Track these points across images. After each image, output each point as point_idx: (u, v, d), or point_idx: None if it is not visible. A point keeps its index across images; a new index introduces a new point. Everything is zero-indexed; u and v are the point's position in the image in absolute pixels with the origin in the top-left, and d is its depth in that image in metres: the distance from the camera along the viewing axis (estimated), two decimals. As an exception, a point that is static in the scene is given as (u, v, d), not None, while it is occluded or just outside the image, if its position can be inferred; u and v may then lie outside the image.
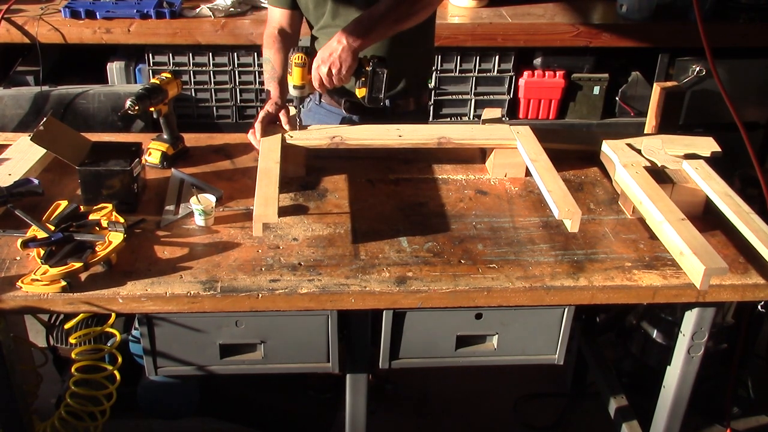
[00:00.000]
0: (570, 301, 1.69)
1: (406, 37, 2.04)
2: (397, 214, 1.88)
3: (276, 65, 2.12)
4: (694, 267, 1.64)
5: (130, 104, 1.87)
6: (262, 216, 1.66)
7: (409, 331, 1.73)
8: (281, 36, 2.18)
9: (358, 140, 2.01)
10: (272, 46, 2.16)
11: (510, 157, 2.03)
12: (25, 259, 1.66)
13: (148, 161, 2.01)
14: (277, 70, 2.12)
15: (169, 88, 1.96)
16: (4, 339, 1.68)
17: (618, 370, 2.56)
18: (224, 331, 1.68)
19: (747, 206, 1.81)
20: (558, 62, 3.41)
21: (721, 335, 2.38)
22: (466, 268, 1.69)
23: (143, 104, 1.89)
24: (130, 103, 1.87)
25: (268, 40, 2.18)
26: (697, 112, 3.46)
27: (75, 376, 1.81)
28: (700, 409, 2.50)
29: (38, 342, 2.17)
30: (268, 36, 2.20)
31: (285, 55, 2.09)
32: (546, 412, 2.75)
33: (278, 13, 2.21)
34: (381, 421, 2.54)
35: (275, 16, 2.22)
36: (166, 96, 1.96)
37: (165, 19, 3.10)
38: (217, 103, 3.36)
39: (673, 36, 3.33)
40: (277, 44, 2.16)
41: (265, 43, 2.19)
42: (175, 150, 2.03)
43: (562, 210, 1.72)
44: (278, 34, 2.18)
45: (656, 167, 1.96)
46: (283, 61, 2.12)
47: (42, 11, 3.09)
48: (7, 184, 1.80)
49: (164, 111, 1.99)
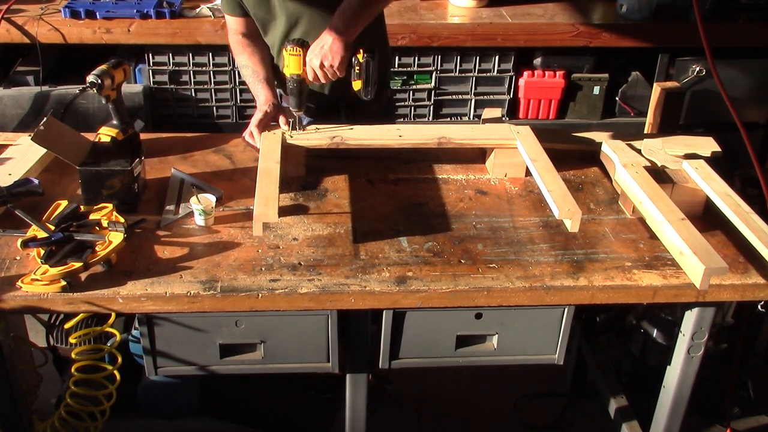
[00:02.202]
0: (570, 301, 1.69)
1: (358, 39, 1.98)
2: (397, 214, 1.88)
3: (257, 67, 2.13)
4: (694, 267, 1.64)
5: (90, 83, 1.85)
6: (262, 216, 1.66)
7: (408, 331, 1.73)
8: (248, 39, 2.18)
9: (358, 140, 2.02)
10: (243, 51, 2.17)
11: (510, 157, 2.03)
12: (25, 259, 1.66)
13: None
14: (260, 71, 2.13)
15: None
16: (4, 339, 1.68)
17: (618, 370, 2.55)
18: (224, 331, 1.68)
19: (747, 206, 1.81)
20: (558, 62, 3.41)
21: (721, 335, 2.38)
22: (466, 268, 1.69)
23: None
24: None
25: (237, 46, 2.19)
26: (697, 112, 3.46)
27: (75, 376, 1.81)
28: (700, 409, 2.50)
29: (38, 342, 2.17)
30: (235, 43, 2.20)
31: (262, 56, 2.09)
32: (546, 412, 2.75)
33: (234, 21, 2.21)
34: (381, 421, 2.54)
35: (232, 24, 2.22)
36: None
37: (165, 19, 3.09)
38: (217, 103, 3.36)
39: (673, 36, 3.33)
40: (248, 48, 2.17)
41: (234, 50, 2.19)
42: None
43: (562, 210, 1.72)
44: (244, 38, 2.18)
45: (656, 167, 1.97)
46: (261, 61, 2.12)
47: (42, 11, 3.09)
48: (7, 184, 1.80)
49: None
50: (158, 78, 3.26)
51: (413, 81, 3.40)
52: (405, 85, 3.40)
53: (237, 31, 2.21)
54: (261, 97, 2.11)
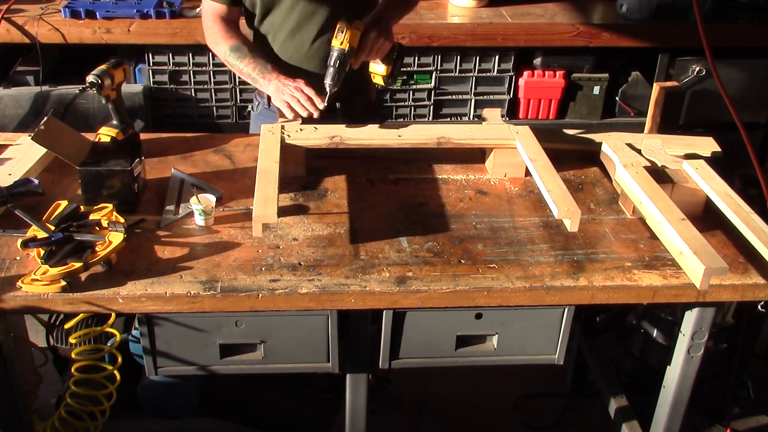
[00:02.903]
0: (570, 301, 1.69)
1: None
2: (397, 214, 1.88)
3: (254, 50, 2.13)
4: (694, 267, 1.64)
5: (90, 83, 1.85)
6: (261, 217, 1.66)
7: (408, 331, 1.73)
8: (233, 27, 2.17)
9: (357, 140, 2.01)
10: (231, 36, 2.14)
11: (510, 157, 2.03)
12: (25, 259, 1.66)
13: None
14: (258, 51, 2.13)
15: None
16: (4, 339, 1.68)
17: (618, 370, 2.55)
18: (224, 331, 1.68)
19: (747, 206, 1.81)
20: (558, 62, 3.41)
21: (721, 335, 2.38)
22: (466, 268, 1.69)
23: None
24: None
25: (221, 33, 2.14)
26: (697, 112, 3.46)
27: (75, 376, 1.81)
28: (700, 409, 2.50)
29: (38, 342, 2.17)
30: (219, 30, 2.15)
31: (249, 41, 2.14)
32: (546, 412, 2.75)
33: (221, 9, 2.17)
34: (381, 421, 2.54)
35: (219, 11, 2.17)
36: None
37: (165, 19, 3.09)
38: (217, 103, 3.36)
39: (673, 36, 3.33)
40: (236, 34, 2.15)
41: (215, 37, 2.15)
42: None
43: (562, 210, 1.72)
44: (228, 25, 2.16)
45: (656, 167, 1.96)
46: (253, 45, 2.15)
47: (42, 11, 3.09)
48: (7, 184, 1.80)
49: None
50: (158, 78, 3.27)
51: (413, 81, 3.40)
52: (405, 85, 3.40)
53: (222, 17, 2.16)
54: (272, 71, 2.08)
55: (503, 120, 2.17)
